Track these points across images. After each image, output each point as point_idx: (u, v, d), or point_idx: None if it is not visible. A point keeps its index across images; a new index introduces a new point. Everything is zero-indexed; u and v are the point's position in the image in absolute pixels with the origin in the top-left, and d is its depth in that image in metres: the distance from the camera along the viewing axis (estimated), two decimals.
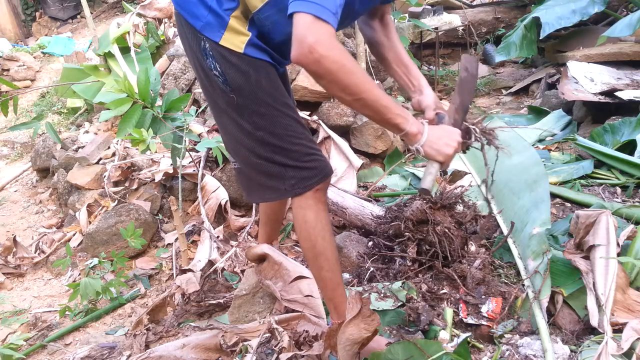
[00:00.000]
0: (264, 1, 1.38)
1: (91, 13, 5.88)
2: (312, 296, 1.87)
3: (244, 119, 1.49)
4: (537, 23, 4.26)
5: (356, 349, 1.44)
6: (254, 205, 2.85)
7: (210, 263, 2.42)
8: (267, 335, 1.78)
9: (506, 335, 1.72)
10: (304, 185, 1.49)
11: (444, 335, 1.70)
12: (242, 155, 1.58)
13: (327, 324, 1.75)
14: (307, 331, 1.75)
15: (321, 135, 3.20)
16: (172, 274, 2.61)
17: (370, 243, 2.22)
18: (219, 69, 1.45)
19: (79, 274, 2.83)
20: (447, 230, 1.96)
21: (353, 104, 1.28)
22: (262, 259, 2.03)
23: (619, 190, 2.53)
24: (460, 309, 1.83)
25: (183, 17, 1.47)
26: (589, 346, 1.58)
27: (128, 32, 4.25)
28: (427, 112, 1.60)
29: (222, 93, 1.49)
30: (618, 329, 1.57)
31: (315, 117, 3.27)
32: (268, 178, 1.54)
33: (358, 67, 1.24)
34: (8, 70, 6.63)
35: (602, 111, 3.26)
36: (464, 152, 1.55)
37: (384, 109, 1.29)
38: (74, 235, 3.11)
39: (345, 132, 3.36)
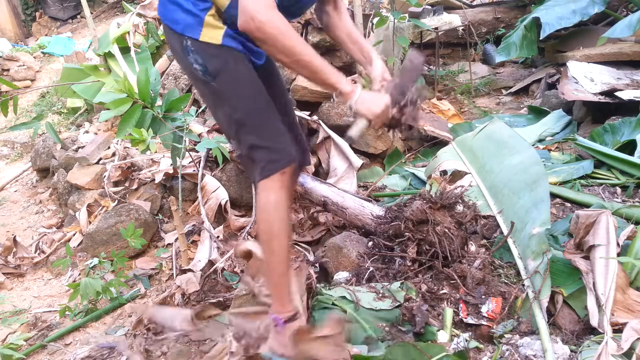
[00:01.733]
0: (228, 2, 1.54)
1: (91, 13, 5.87)
2: None
3: (225, 103, 1.62)
4: (537, 23, 4.25)
5: None
6: (254, 204, 2.84)
7: (210, 263, 2.42)
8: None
9: (506, 335, 1.72)
10: (270, 168, 1.57)
11: (442, 335, 1.70)
12: (236, 139, 1.69)
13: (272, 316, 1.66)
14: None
15: (321, 135, 3.20)
16: (172, 274, 2.61)
17: (370, 243, 2.22)
18: (199, 62, 1.58)
19: (79, 274, 2.83)
20: (447, 230, 1.96)
21: (292, 65, 1.47)
22: (249, 255, 2.02)
23: (619, 190, 2.53)
24: (460, 309, 1.83)
25: (166, 25, 1.63)
26: (589, 346, 1.58)
27: (128, 32, 4.25)
28: (374, 84, 1.74)
29: (205, 84, 1.62)
30: (618, 329, 1.57)
31: (315, 117, 3.27)
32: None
33: (294, 33, 1.42)
34: (8, 70, 6.63)
35: (602, 111, 3.26)
36: (391, 130, 1.67)
37: (319, 68, 1.48)
38: (74, 235, 3.11)
39: (345, 132, 3.34)
